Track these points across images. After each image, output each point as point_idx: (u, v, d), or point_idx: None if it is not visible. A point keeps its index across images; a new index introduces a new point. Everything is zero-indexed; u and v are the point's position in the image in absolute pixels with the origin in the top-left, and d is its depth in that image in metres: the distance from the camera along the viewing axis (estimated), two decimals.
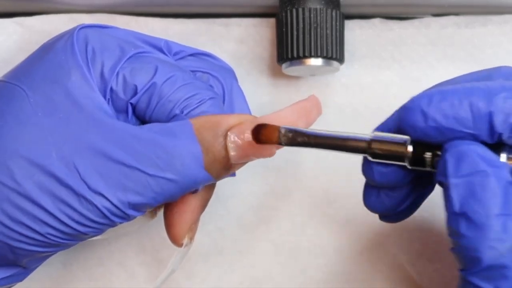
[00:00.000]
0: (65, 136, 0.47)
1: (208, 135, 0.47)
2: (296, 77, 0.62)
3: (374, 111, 0.62)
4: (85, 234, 0.47)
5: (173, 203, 0.50)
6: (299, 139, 0.46)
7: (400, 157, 0.44)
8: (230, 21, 0.63)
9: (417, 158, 0.44)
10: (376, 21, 0.63)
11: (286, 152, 0.61)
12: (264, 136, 0.47)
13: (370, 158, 0.45)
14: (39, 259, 0.50)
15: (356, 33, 0.62)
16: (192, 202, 0.50)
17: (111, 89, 0.50)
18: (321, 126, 0.61)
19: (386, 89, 0.62)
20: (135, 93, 0.50)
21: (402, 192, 0.47)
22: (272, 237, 0.61)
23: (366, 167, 0.46)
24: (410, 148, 0.44)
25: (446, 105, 0.42)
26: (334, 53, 0.58)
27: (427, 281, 0.60)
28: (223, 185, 0.61)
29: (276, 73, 0.62)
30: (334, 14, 0.58)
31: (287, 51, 0.58)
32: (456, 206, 0.41)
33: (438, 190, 0.59)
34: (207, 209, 0.61)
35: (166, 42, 0.53)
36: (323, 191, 0.61)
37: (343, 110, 0.62)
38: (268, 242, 0.61)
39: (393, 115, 0.46)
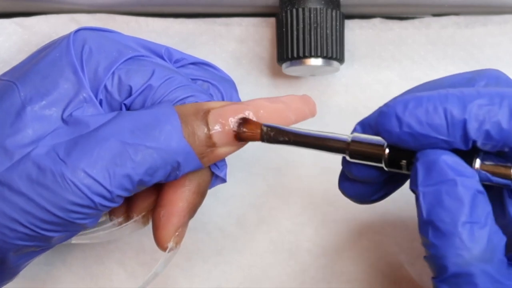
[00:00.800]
0: (47, 124, 0.47)
1: (187, 111, 0.48)
2: (296, 77, 0.62)
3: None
4: (68, 221, 0.46)
5: (160, 206, 0.50)
6: (281, 138, 0.47)
7: (378, 158, 0.45)
8: (230, 21, 0.63)
9: (393, 161, 0.44)
10: (376, 21, 0.63)
11: (286, 152, 0.61)
12: (246, 133, 0.48)
13: (348, 158, 0.46)
14: (26, 255, 0.49)
15: (356, 32, 0.62)
16: (180, 205, 0.50)
17: (106, 89, 0.49)
18: (322, 126, 0.61)
19: (386, 89, 0.62)
20: (130, 94, 0.50)
21: (377, 184, 0.47)
22: (272, 237, 0.61)
23: (345, 163, 0.47)
24: (387, 151, 0.44)
25: (421, 111, 0.42)
26: (334, 53, 0.58)
27: (427, 281, 0.60)
28: (223, 185, 0.61)
29: (276, 73, 0.62)
30: (334, 14, 0.58)
31: (287, 51, 0.58)
32: (425, 213, 0.42)
33: None
34: (206, 208, 0.61)
35: (167, 49, 0.53)
36: (323, 191, 0.61)
37: (343, 110, 0.62)
38: (268, 242, 0.61)
39: (375, 112, 0.46)
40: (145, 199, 0.52)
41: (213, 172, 0.51)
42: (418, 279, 0.60)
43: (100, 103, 0.50)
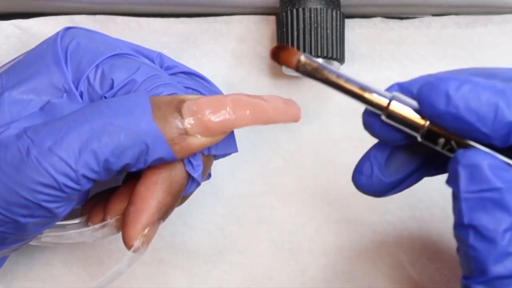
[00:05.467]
0: (24, 109, 0.47)
1: (163, 99, 0.47)
2: (297, 77, 0.62)
3: None
4: (34, 203, 0.45)
5: (130, 203, 0.49)
6: (318, 75, 0.44)
7: (415, 126, 0.43)
8: (231, 19, 0.63)
9: (431, 134, 0.43)
10: (377, 20, 0.62)
11: (286, 153, 0.61)
12: (281, 58, 0.45)
13: (383, 118, 0.44)
14: (9, 243, 0.49)
15: (356, 32, 0.62)
16: (149, 202, 0.48)
17: (88, 81, 0.49)
18: (321, 125, 0.61)
19: None
20: (111, 87, 0.49)
21: (396, 181, 0.47)
22: (272, 237, 0.61)
23: (369, 118, 0.45)
24: (428, 123, 0.43)
25: (474, 97, 0.41)
26: (335, 53, 0.58)
27: (427, 281, 0.60)
28: (224, 185, 0.61)
29: (277, 73, 0.62)
30: (334, 14, 0.58)
31: None
32: (466, 218, 0.41)
33: (437, 188, 0.59)
34: (207, 208, 0.61)
35: (160, 55, 0.53)
36: (323, 191, 0.61)
37: (344, 109, 0.62)
38: (268, 242, 0.61)
39: (418, 79, 0.45)
40: (120, 202, 0.51)
41: (188, 175, 0.50)
42: (418, 279, 0.60)
43: (81, 96, 0.49)
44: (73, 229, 0.51)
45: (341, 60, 0.59)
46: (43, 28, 0.62)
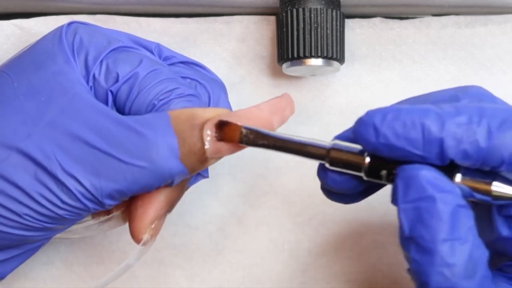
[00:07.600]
0: (44, 119, 0.47)
1: (184, 126, 0.48)
2: (297, 77, 0.62)
3: None
4: (62, 217, 0.47)
5: (138, 196, 0.50)
6: (260, 141, 0.47)
7: (358, 167, 0.44)
8: (231, 19, 0.63)
9: (374, 170, 0.44)
10: (377, 20, 0.62)
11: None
12: (226, 134, 0.47)
13: (327, 166, 0.45)
14: (27, 245, 0.50)
15: (356, 32, 0.62)
16: (158, 197, 0.49)
17: (94, 77, 0.50)
18: (322, 126, 0.61)
19: (386, 89, 0.62)
20: (116, 81, 0.50)
21: (358, 192, 0.47)
22: (272, 237, 0.61)
23: (322, 173, 0.46)
24: (367, 160, 0.44)
25: (399, 124, 0.42)
26: (335, 53, 0.58)
27: None
28: (224, 185, 0.61)
29: (277, 73, 0.62)
30: (334, 14, 0.58)
31: (288, 51, 0.58)
32: (406, 231, 0.41)
33: None
34: (207, 208, 0.61)
35: (158, 45, 0.54)
36: None
37: (344, 110, 0.62)
38: (268, 242, 0.61)
39: (352, 126, 0.46)
40: None
41: None
42: None
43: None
44: (78, 224, 0.52)
45: (341, 60, 0.59)
46: (43, 28, 0.62)
